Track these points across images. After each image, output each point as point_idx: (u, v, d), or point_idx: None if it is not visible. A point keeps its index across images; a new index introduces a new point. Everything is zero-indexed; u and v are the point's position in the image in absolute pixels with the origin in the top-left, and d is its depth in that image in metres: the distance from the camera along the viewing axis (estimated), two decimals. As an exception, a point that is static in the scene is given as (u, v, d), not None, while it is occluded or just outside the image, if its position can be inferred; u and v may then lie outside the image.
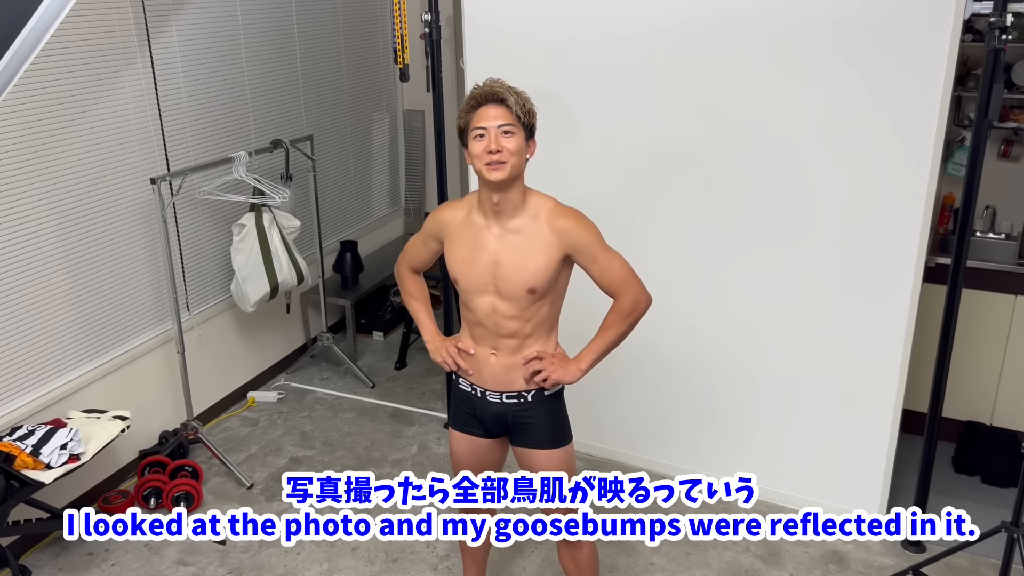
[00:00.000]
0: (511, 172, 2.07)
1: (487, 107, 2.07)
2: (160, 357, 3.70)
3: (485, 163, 2.06)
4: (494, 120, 2.06)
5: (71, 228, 3.22)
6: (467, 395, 2.34)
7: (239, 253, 3.82)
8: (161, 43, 3.52)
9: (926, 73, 2.70)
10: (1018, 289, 3.46)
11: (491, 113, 2.06)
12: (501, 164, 2.05)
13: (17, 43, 2.39)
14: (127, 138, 3.41)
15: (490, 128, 2.06)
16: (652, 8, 3.02)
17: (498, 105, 2.07)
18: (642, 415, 3.55)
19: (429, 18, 3.36)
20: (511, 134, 2.06)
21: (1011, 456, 3.49)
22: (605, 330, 2.22)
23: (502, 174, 2.06)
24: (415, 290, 2.48)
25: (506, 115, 2.06)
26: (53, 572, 3.03)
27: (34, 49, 2.45)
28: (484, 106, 2.07)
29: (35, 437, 2.82)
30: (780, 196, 3.02)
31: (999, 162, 3.82)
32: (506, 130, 2.06)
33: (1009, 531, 2.66)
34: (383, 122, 5.36)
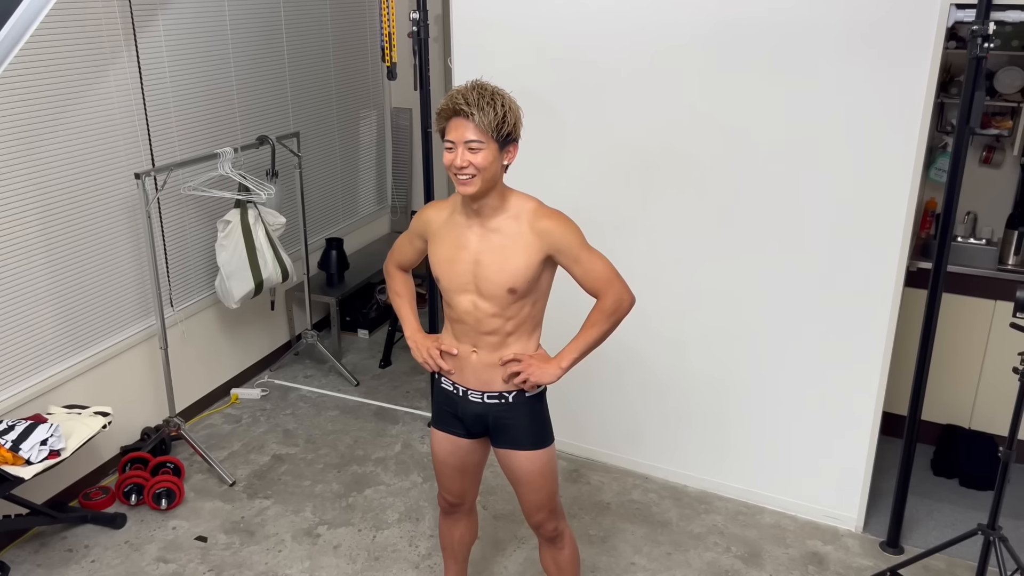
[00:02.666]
0: (481, 185, 2.06)
1: (455, 119, 2.04)
2: (143, 353, 3.69)
3: (454, 174, 2.06)
4: (461, 135, 2.03)
5: (54, 222, 3.20)
6: (449, 394, 2.35)
7: (224, 249, 3.80)
8: (147, 37, 3.50)
9: (909, 79, 2.72)
10: (997, 294, 3.50)
11: (458, 127, 2.03)
12: (470, 178, 2.05)
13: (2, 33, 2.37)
14: (112, 132, 3.39)
15: (457, 143, 2.04)
16: (640, 11, 3.03)
17: (466, 119, 2.02)
18: (623, 416, 3.56)
19: (417, 16, 3.36)
20: (478, 150, 2.03)
21: (988, 459, 3.53)
22: (587, 328, 2.22)
23: (470, 188, 2.05)
24: (401, 288, 2.48)
25: (473, 131, 2.02)
26: (32, 568, 3.01)
27: (18, 42, 2.43)
28: (454, 118, 2.04)
29: (15, 432, 2.80)
30: (762, 199, 3.04)
31: (980, 168, 3.86)
32: (472, 146, 2.03)
33: (986, 534, 2.69)
34: (370, 120, 5.35)
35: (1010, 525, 3.24)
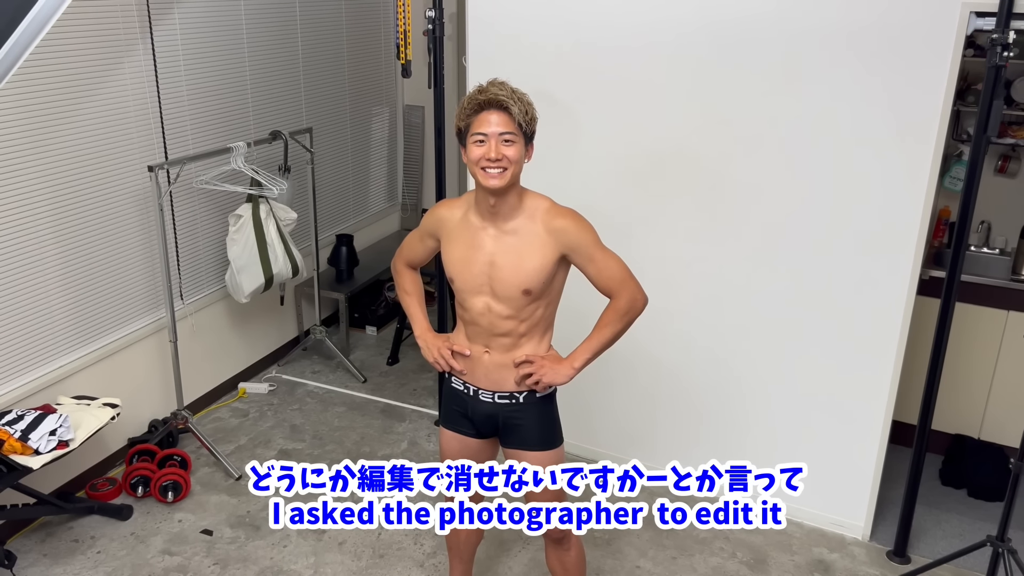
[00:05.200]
0: (509, 180, 2.05)
1: (489, 112, 2.03)
2: (152, 345, 3.69)
3: (483, 168, 2.05)
4: (496, 127, 2.03)
5: (67, 213, 3.21)
6: (459, 393, 2.34)
7: (235, 243, 3.81)
8: (163, 30, 3.51)
9: (927, 86, 2.71)
10: (1010, 304, 3.48)
11: (493, 120, 2.03)
12: (501, 172, 2.04)
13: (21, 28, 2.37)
14: (126, 125, 3.40)
15: (491, 135, 2.03)
16: (657, 14, 3.02)
17: (501, 112, 2.03)
18: (634, 417, 3.55)
19: (433, 15, 3.36)
20: (511, 142, 2.04)
21: (998, 470, 3.50)
22: (601, 329, 2.21)
23: (500, 182, 2.04)
24: (410, 285, 2.47)
25: (508, 123, 2.03)
26: (38, 558, 3.02)
27: (38, 35, 2.44)
28: (486, 111, 2.04)
29: (24, 422, 2.81)
30: (777, 204, 3.03)
31: (995, 177, 3.84)
32: (507, 138, 2.03)
33: (995, 545, 2.68)
34: (383, 117, 5.35)
35: (1019, 537, 3.22)
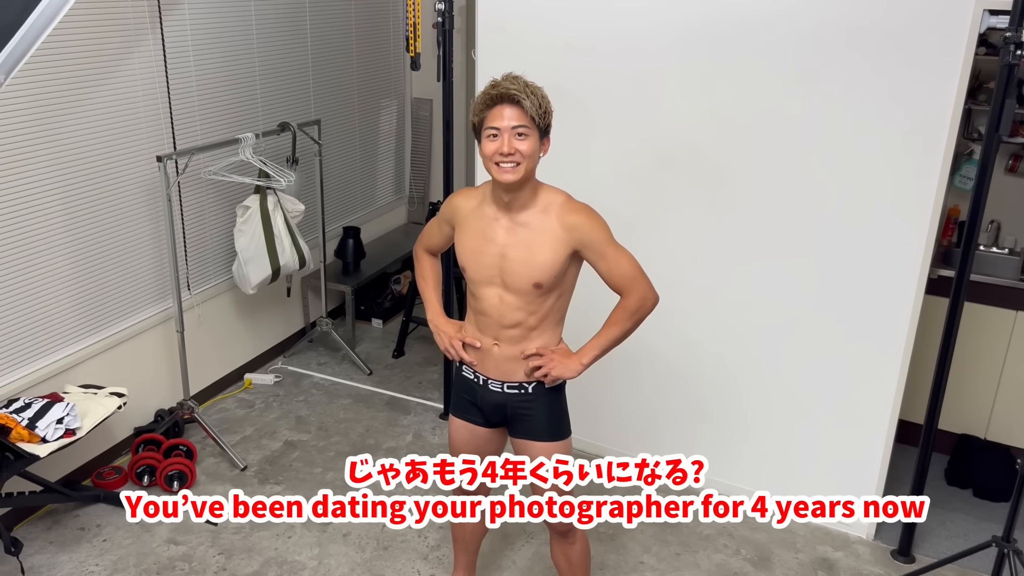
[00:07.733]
0: (523, 174, 2.05)
1: (502, 107, 2.03)
2: (159, 335, 3.70)
3: (496, 163, 2.05)
4: (508, 121, 2.03)
5: (75, 203, 3.22)
6: (468, 382, 2.35)
7: (242, 235, 3.81)
8: (172, 21, 3.51)
9: (938, 84, 2.69)
10: (1019, 305, 3.46)
11: (506, 113, 2.03)
12: (515, 166, 2.04)
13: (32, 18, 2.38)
14: (135, 115, 3.40)
15: (504, 129, 2.03)
16: (667, 11, 3.01)
17: (513, 106, 2.02)
18: (638, 413, 3.55)
19: (442, 7, 3.35)
20: (525, 136, 2.04)
21: (1004, 471, 3.50)
22: (610, 326, 2.21)
23: (513, 176, 2.04)
24: (427, 271, 2.49)
25: (521, 116, 2.03)
26: (44, 545, 3.03)
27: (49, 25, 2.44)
28: (499, 105, 2.03)
29: (31, 410, 2.82)
30: (785, 202, 3.02)
31: (1006, 176, 3.82)
32: (520, 132, 2.03)
33: (1000, 546, 2.67)
34: (391, 109, 5.35)
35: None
